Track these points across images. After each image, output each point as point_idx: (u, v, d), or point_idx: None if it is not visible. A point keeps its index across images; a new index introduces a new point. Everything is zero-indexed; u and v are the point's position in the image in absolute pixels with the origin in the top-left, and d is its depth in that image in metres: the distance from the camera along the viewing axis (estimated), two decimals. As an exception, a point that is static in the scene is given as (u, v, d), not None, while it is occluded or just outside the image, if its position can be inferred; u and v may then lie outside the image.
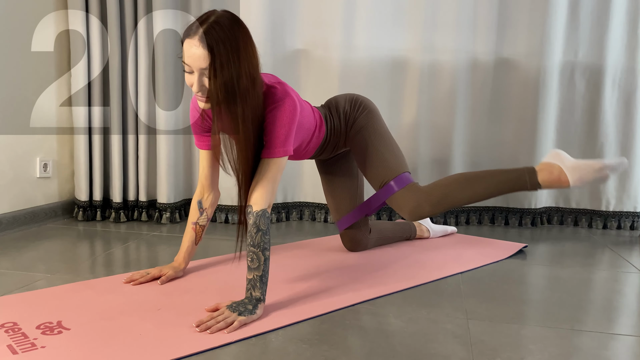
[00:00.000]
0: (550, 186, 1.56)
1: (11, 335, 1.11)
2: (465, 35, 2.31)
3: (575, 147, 2.40)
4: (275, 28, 2.28)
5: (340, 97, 1.73)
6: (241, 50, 1.19)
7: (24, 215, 2.13)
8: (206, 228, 1.56)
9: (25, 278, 1.51)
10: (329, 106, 1.70)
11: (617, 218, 2.41)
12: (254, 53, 1.24)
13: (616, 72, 2.33)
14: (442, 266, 1.70)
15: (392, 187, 1.61)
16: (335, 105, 1.69)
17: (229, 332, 1.14)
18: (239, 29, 1.21)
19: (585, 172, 1.53)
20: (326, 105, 1.71)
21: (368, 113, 1.68)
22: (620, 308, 1.38)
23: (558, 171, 1.55)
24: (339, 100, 1.71)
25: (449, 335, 1.17)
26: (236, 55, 1.18)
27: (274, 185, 1.30)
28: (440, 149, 2.38)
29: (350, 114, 1.67)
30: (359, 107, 1.68)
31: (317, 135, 1.59)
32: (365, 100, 1.71)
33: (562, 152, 1.61)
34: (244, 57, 1.20)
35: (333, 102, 1.70)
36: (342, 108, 1.68)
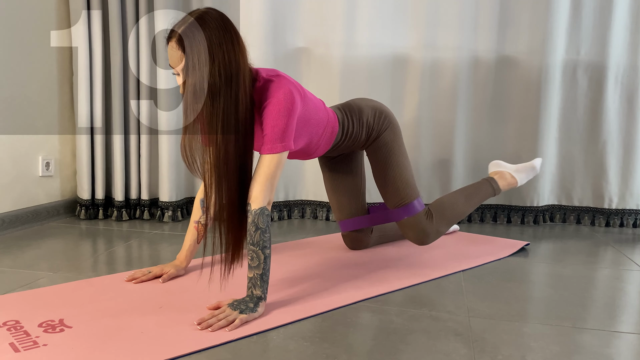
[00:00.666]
0: (506, 188, 1.85)
1: (13, 334, 1.11)
2: (467, 33, 2.30)
3: (578, 145, 2.39)
4: (277, 26, 2.28)
5: (363, 103, 1.67)
6: (215, 50, 1.19)
7: (26, 214, 2.14)
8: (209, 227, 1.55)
9: (28, 276, 1.51)
10: (348, 109, 1.63)
11: (619, 216, 2.40)
12: (233, 51, 1.22)
13: (619, 70, 2.33)
14: (444, 264, 1.70)
15: (400, 213, 1.64)
16: (358, 111, 1.63)
17: (230, 330, 1.14)
18: (217, 28, 1.20)
19: (526, 172, 1.90)
20: (345, 107, 1.65)
21: (392, 128, 1.66)
22: (623, 306, 1.37)
23: (509, 175, 1.86)
24: (363, 108, 1.64)
25: (450, 333, 1.17)
26: (210, 54, 1.18)
27: (272, 182, 1.27)
28: (442, 146, 2.38)
29: (374, 126, 1.63)
30: (383, 121, 1.65)
31: (329, 135, 1.55)
32: (389, 113, 1.68)
33: (500, 161, 1.93)
34: (219, 56, 1.19)
35: (355, 107, 1.64)
36: (365, 117, 1.63)
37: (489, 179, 1.84)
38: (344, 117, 1.61)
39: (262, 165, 1.28)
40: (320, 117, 1.49)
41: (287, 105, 1.28)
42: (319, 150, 1.58)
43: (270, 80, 1.31)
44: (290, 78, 1.36)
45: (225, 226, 1.27)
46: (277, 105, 1.27)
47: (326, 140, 1.55)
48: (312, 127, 1.46)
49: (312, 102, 1.45)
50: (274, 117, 1.27)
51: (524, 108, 2.35)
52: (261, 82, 1.32)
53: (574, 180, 2.42)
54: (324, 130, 1.51)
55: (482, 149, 2.40)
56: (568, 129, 2.39)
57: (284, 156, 1.30)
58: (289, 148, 1.31)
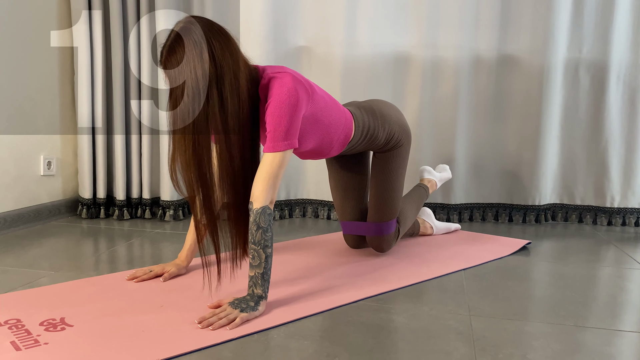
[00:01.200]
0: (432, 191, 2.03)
1: (14, 332, 1.11)
2: (468, 32, 2.30)
3: (580, 143, 2.39)
4: (278, 25, 2.28)
5: (387, 110, 1.66)
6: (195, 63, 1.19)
7: (28, 213, 2.14)
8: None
9: (29, 275, 1.51)
10: (371, 111, 1.62)
11: (621, 214, 2.39)
12: (223, 56, 1.22)
13: (621, 68, 2.32)
14: (445, 263, 1.69)
15: (381, 228, 1.69)
16: (381, 116, 1.62)
17: (231, 329, 1.14)
18: (200, 38, 1.20)
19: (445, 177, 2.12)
20: (367, 108, 1.63)
21: (409, 143, 1.71)
22: (624, 305, 1.37)
23: (435, 183, 2.05)
24: (386, 115, 1.63)
25: (451, 331, 1.17)
26: (197, 59, 1.19)
27: (275, 180, 1.26)
28: (443, 145, 2.37)
29: (395, 135, 1.64)
30: (403, 134, 1.67)
31: (344, 136, 1.52)
32: (409, 129, 1.71)
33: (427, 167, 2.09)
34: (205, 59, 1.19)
35: (377, 112, 1.62)
36: (388, 125, 1.62)
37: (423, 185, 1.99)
38: (364, 117, 1.59)
39: (264, 163, 1.27)
40: (334, 117, 1.46)
41: (290, 103, 1.26)
42: (333, 151, 1.56)
43: (274, 78, 1.30)
44: (298, 74, 1.34)
45: (230, 225, 1.28)
46: (279, 102, 1.26)
47: (341, 141, 1.53)
48: (324, 127, 1.44)
49: (323, 101, 1.43)
50: (276, 115, 1.26)
51: (526, 107, 2.35)
52: (266, 79, 1.31)
53: (576, 178, 2.42)
54: (336, 131, 1.49)
55: (484, 148, 2.40)
56: (570, 128, 2.39)
57: (287, 155, 1.28)
58: (292, 146, 1.29)
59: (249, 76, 1.28)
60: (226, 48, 1.23)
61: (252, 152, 1.30)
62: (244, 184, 1.29)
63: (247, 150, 1.28)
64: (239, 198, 1.29)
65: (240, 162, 1.26)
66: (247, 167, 1.29)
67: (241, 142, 1.26)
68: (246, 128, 1.27)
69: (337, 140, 1.51)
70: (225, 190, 1.27)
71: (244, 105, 1.25)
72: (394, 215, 1.70)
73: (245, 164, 1.28)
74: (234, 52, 1.25)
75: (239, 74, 1.24)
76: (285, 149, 1.27)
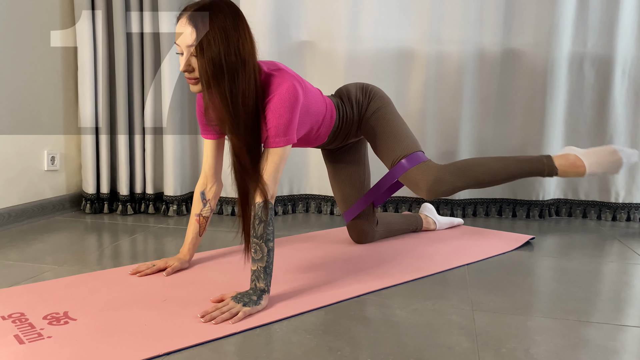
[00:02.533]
0: (567, 171, 1.57)
1: (18, 326, 1.12)
2: (472, 26, 2.28)
3: (584, 138, 2.37)
4: (281, 20, 2.27)
5: (351, 85, 1.71)
6: (230, 31, 1.19)
7: (32, 208, 2.15)
8: (210, 219, 1.56)
9: (33, 269, 1.52)
10: (340, 95, 1.68)
11: (626, 210, 2.38)
12: (246, 38, 1.23)
13: (626, 62, 2.30)
14: (448, 258, 1.69)
15: (404, 164, 1.56)
16: (347, 93, 1.67)
17: (233, 323, 1.14)
18: (231, 14, 1.21)
19: (600, 155, 1.56)
20: (337, 94, 1.69)
21: (380, 99, 1.68)
22: (628, 299, 1.36)
23: (574, 157, 1.58)
24: (350, 89, 1.69)
25: (454, 326, 1.17)
26: (224, 34, 1.19)
27: (276, 175, 1.28)
28: (447, 140, 2.36)
29: (363, 101, 1.66)
30: (370, 94, 1.68)
31: (328, 122, 1.57)
32: (376, 88, 1.71)
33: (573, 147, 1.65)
34: (233, 38, 1.20)
35: (344, 91, 1.68)
36: (354, 96, 1.66)
37: (544, 155, 1.63)
38: (338, 102, 1.64)
39: (265, 158, 1.29)
40: (319, 106, 1.51)
41: (291, 100, 1.29)
42: (319, 138, 1.60)
43: (272, 75, 1.31)
44: (291, 70, 1.37)
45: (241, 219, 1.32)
46: (281, 100, 1.28)
47: (325, 128, 1.58)
48: (313, 116, 1.48)
49: (311, 92, 1.47)
50: (278, 112, 1.28)
51: (530, 101, 2.33)
52: (263, 75, 1.32)
53: (580, 174, 2.40)
54: (323, 118, 1.54)
55: (488, 143, 2.39)
56: (574, 123, 2.37)
57: (287, 150, 1.31)
58: (292, 142, 1.32)
59: (257, 69, 1.29)
60: (250, 36, 1.25)
61: (255, 146, 1.31)
62: (250, 177, 1.30)
63: (252, 145, 1.29)
64: (245, 190, 1.30)
65: (247, 156, 1.27)
66: (254, 161, 1.30)
67: (242, 129, 1.26)
68: (253, 122, 1.28)
69: (323, 127, 1.56)
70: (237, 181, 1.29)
71: (251, 100, 1.26)
72: (411, 149, 1.57)
73: (251, 158, 1.29)
74: (253, 42, 1.26)
75: (256, 64, 1.26)
76: (286, 144, 1.30)
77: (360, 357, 1.02)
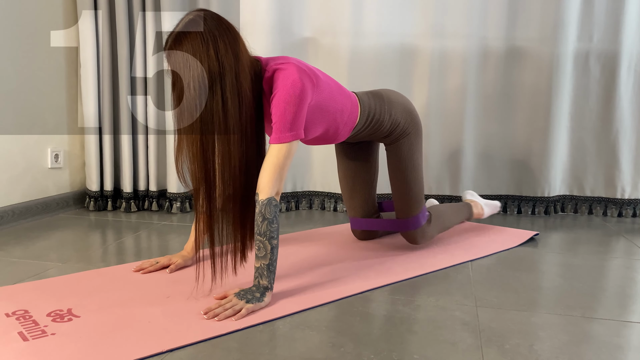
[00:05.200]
0: (475, 217, 2.00)
1: (22, 323, 1.12)
2: (476, 22, 2.27)
3: (590, 134, 2.36)
4: (283, 16, 2.26)
5: (395, 97, 1.64)
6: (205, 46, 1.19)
7: (36, 206, 2.15)
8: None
9: (37, 267, 1.53)
10: (378, 97, 1.61)
11: (632, 206, 2.36)
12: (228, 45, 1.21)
13: (632, 57, 2.28)
14: (452, 254, 1.68)
15: (420, 221, 1.68)
16: (388, 102, 1.60)
17: (236, 320, 1.14)
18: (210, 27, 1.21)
19: (490, 208, 2.05)
20: (375, 94, 1.62)
21: (417, 132, 1.66)
22: (633, 296, 1.35)
23: (480, 207, 2.01)
24: (394, 101, 1.62)
25: (457, 322, 1.16)
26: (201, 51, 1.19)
27: (281, 172, 1.26)
28: (452, 136, 2.36)
29: (401, 123, 1.62)
30: (411, 121, 1.64)
31: (348, 121, 1.51)
32: (417, 116, 1.67)
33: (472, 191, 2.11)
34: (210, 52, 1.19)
35: (385, 97, 1.61)
36: (394, 110, 1.61)
37: (467, 203, 1.97)
38: (370, 102, 1.58)
39: (270, 155, 1.27)
40: (338, 103, 1.46)
41: (295, 94, 1.26)
42: (340, 136, 1.55)
43: (278, 69, 1.30)
44: (302, 63, 1.33)
45: (229, 218, 1.28)
46: (284, 94, 1.26)
47: (347, 126, 1.52)
48: (329, 114, 1.44)
49: (328, 87, 1.42)
50: (282, 107, 1.26)
51: (535, 96, 2.32)
52: (270, 72, 1.31)
53: (586, 169, 2.39)
54: (342, 117, 1.49)
55: (493, 139, 2.38)
56: (580, 118, 2.36)
57: (293, 146, 1.29)
58: (298, 137, 1.29)
59: (252, 76, 1.28)
60: (231, 48, 1.22)
61: (257, 149, 1.30)
62: (246, 180, 1.28)
63: (250, 147, 1.27)
64: (238, 194, 1.28)
65: (239, 160, 1.25)
66: (251, 164, 1.28)
67: (242, 140, 1.25)
68: (249, 127, 1.26)
69: (343, 126, 1.51)
70: (225, 185, 1.26)
71: (245, 106, 1.24)
72: (417, 210, 1.67)
73: (248, 162, 1.27)
74: (238, 53, 1.24)
75: (241, 74, 1.23)
76: (292, 139, 1.27)
77: (363, 353, 1.01)
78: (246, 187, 1.28)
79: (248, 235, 1.33)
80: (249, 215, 1.31)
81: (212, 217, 1.27)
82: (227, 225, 1.29)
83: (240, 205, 1.29)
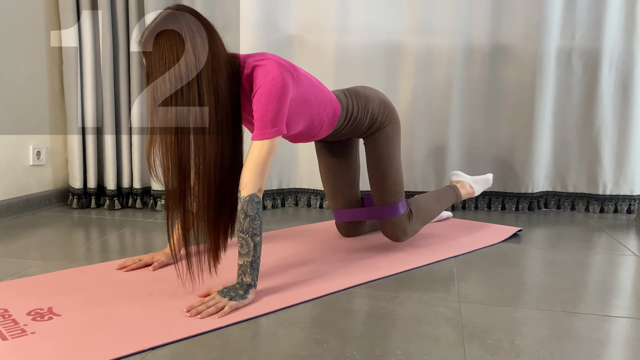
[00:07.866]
0: (465, 197, 1.97)
1: (1, 322, 1.10)
2: (462, 19, 2.28)
3: (573, 130, 2.38)
4: (268, 12, 2.25)
5: (370, 92, 1.65)
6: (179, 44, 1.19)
7: (17, 203, 2.12)
8: None
9: (18, 265, 1.50)
10: (354, 94, 1.61)
11: (614, 202, 2.40)
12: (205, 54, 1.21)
13: (613, 55, 2.31)
14: (436, 250, 1.69)
15: (398, 209, 1.66)
16: (364, 98, 1.61)
17: (219, 317, 1.14)
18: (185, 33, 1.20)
19: (481, 184, 2.03)
20: (350, 92, 1.62)
21: (395, 124, 1.66)
22: (614, 290, 1.37)
23: (469, 185, 1.99)
24: (369, 96, 1.63)
25: (440, 317, 1.17)
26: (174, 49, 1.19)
27: (264, 168, 1.25)
28: (437, 133, 2.37)
29: (379, 117, 1.62)
30: (388, 114, 1.64)
31: (332, 116, 1.52)
32: (394, 109, 1.67)
33: (459, 171, 2.09)
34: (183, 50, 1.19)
35: (361, 94, 1.62)
36: (371, 106, 1.61)
37: (452, 186, 1.94)
38: (348, 101, 1.58)
39: (252, 151, 1.26)
40: (320, 98, 1.46)
41: (276, 90, 1.26)
42: (322, 132, 1.55)
43: (258, 66, 1.29)
44: (280, 59, 1.33)
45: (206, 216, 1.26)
46: (266, 90, 1.25)
47: (329, 122, 1.52)
48: (312, 107, 1.43)
49: (308, 81, 1.42)
50: (264, 103, 1.25)
51: (519, 93, 2.34)
52: (249, 69, 1.30)
53: (569, 166, 2.42)
54: (325, 109, 1.48)
55: (477, 135, 2.39)
56: (563, 115, 2.38)
57: (276, 142, 1.28)
58: (281, 133, 1.28)
59: (230, 73, 1.27)
60: (207, 44, 1.22)
61: (233, 146, 1.28)
62: (221, 177, 1.26)
63: (226, 145, 1.26)
64: (212, 191, 1.26)
65: (214, 157, 1.23)
66: (226, 161, 1.26)
67: (217, 137, 1.23)
68: (225, 123, 1.25)
69: (326, 120, 1.51)
70: (199, 182, 1.24)
71: (222, 102, 1.23)
72: (396, 198, 1.65)
73: (223, 159, 1.26)
74: (215, 49, 1.23)
75: (218, 71, 1.22)
76: (274, 135, 1.27)
77: (346, 349, 1.01)
78: (221, 185, 1.27)
79: (222, 234, 1.30)
80: (224, 212, 1.29)
81: (186, 214, 1.25)
82: (202, 223, 1.27)
83: (215, 202, 1.27)
